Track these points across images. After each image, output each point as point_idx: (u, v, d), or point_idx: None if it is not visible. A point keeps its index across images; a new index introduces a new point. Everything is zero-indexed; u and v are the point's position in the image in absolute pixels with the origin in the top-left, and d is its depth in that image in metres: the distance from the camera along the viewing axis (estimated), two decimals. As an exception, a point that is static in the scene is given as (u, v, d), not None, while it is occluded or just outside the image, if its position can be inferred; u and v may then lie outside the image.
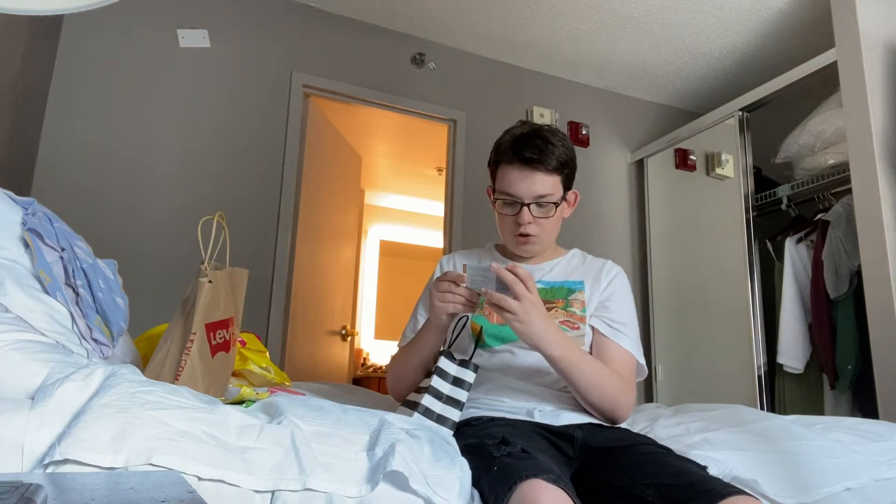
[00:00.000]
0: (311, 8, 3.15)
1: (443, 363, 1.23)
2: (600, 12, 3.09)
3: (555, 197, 1.36)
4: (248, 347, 1.57)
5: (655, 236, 3.62)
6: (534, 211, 1.35)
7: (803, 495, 1.09)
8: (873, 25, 2.52)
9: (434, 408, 1.19)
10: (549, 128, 1.40)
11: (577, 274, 1.43)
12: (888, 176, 2.37)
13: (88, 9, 0.88)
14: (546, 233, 1.40)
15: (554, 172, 1.34)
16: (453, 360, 1.24)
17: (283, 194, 2.93)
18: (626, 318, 1.37)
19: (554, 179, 1.35)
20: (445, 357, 1.24)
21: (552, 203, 1.36)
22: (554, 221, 1.39)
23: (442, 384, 1.21)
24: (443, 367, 1.23)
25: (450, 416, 1.19)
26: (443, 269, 1.52)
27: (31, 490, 0.41)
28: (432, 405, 1.19)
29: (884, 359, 2.28)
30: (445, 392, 1.21)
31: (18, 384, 0.84)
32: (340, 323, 3.74)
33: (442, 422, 1.18)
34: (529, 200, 1.34)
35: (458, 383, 1.22)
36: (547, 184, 1.34)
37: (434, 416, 1.18)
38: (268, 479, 0.80)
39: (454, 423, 1.20)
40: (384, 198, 5.72)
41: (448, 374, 1.23)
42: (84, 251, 1.21)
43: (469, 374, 1.23)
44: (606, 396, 1.24)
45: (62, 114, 2.57)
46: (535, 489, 0.87)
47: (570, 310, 1.37)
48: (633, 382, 1.33)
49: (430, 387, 1.21)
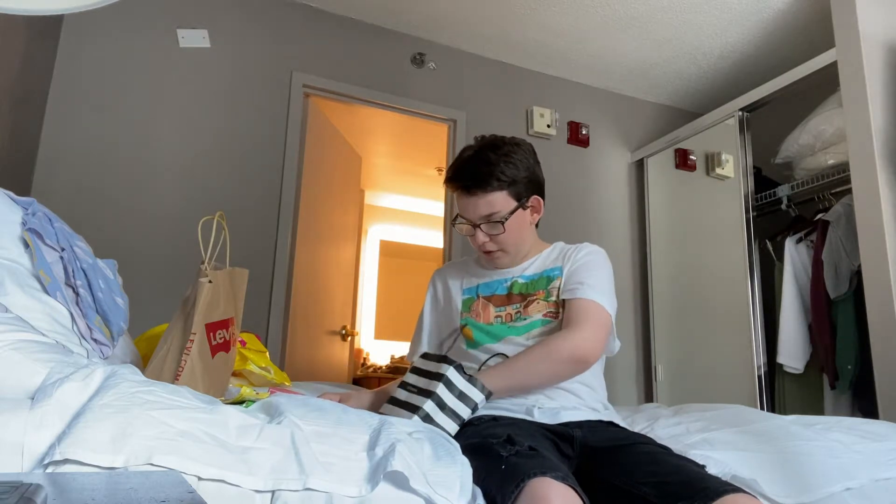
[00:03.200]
0: (311, 8, 3.15)
1: (452, 375, 1.21)
2: (600, 12, 3.09)
3: (503, 213, 1.38)
4: (248, 347, 1.57)
5: (655, 236, 3.62)
6: (486, 229, 1.39)
7: (803, 495, 1.10)
8: (873, 25, 2.52)
9: (436, 418, 1.17)
10: (497, 141, 1.41)
11: (556, 262, 1.45)
12: (888, 176, 2.37)
13: (88, 9, 0.88)
14: (509, 245, 1.42)
15: (496, 191, 1.36)
16: (463, 374, 1.22)
17: (283, 194, 2.93)
18: (585, 276, 1.37)
19: (498, 197, 1.37)
20: (455, 370, 1.22)
21: (499, 221, 1.38)
22: (513, 233, 1.41)
23: (447, 395, 1.20)
24: (451, 378, 1.21)
25: (447, 427, 1.17)
26: (434, 285, 1.57)
27: (31, 490, 0.41)
28: (434, 414, 1.17)
29: (884, 359, 2.28)
30: (449, 404, 1.19)
31: (18, 384, 0.84)
32: (340, 323, 3.74)
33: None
34: (478, 221, 1.38)
35: (464, 398, 1.20)
36: (491, 203, 1.36)
37: (433, 423, 1.16)
38: (268, 479, 0.80)
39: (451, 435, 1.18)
40: (384, 198, 5.72)
41: (455, 387, 1.21)
42: (84, 251, 1.21)
43: (477, 393, 1.21)
44: (556, 367, 1.27)
45: (62, 114, 2.57)
46: (543, 487, 0.87)
47: (550, 300, 1.39)
48: (591, 321, 1.30)
49: (433, 393, 1.19)
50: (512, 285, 1.43)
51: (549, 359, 1.27)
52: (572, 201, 3.53)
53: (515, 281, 1.44)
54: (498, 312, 1.41)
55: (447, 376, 1.21)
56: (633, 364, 3.53)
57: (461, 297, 1.49)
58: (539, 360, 1.27)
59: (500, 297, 1.43)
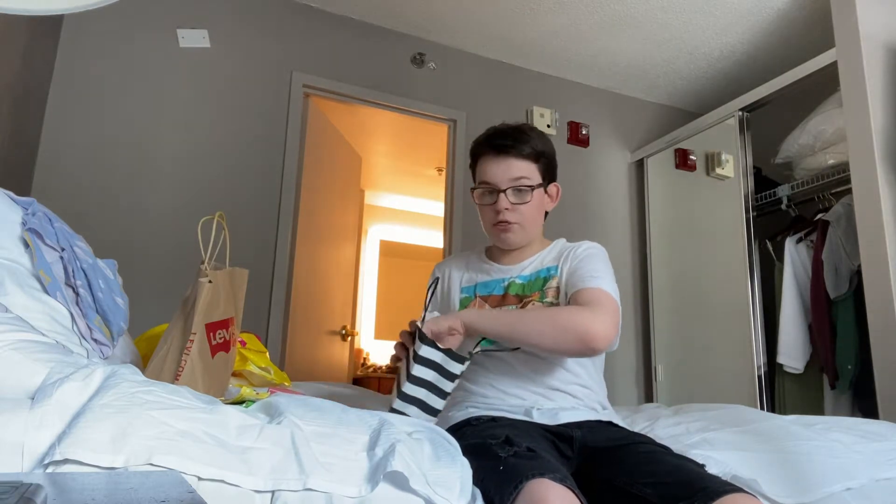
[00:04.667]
0: (311, 8, 3.15)
1: (424, 351, 1.19)
2: (600, 12, 3.09)
3: (531, 181, 1.39)
4: (248, 347, 1.57)
5: (655, 236, 3.62)
6: (511, 197, 1.38)
7: (803, 495, 1.10)
8: (873, 25, 2.52)
9: (418, 395, 1.19)
10: (527, 124, 1.47)
11: (553, 261, 1.44)
12: (888, 176, 2.37)
13: (88, 9, 0.88)
14: (526, 221, 1.41)
15: (528, 159, 1.39)
16: (437, 349, 1.19)
17: (283, 194, 2.93)
18: (590, 268, 1.35)
19: (529, 165, 1.39)
20: (427, 345, 1.19)
21: (529, 187, 1.38)
22: (533, 209, 1.41)
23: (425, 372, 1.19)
24: (424, 354, 1.19)
25: (434, 404, 1.19)
26: (434, 277, 1.56)
27: (31, 490, 0.41)
28: (416, 392, 1.19)
29: (884, 359, 2.28)
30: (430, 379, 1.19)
31: (18, 384, 0.84)
32: (340, 323, 3.74)
33: (426, 409, 1.18)
34: (506, 185, 1.38)
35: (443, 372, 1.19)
36: (521, 168, 1.38)
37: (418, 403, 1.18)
38: (268, 479, 0.80)
39: (438, 411, 1.20)
40: (384, 198, 5.72)
41: (431, 362, 1.19)
42: (84, 251, 1.21)
43: (455, 365, 1.19)
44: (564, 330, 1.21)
45: (62, 114, 2.57)
46: (542, 488, 0.87)
47: (545, 301, 1.38)
48: (605, 308, 1.26)
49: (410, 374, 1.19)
50: (509, 286, 1.44)
51: (554, 324, 1.22)
52: (572, 201, 3.53)
53: (513, 282, 1.44)
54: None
55: (419, 353, 1.19)
56: (633, 364, 3.53)
57: (459, 295, 1.50)
58: (543, 322, 1.23)
59: (496, 297, 1.43)
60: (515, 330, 1.24)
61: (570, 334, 1.21)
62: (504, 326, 1.24)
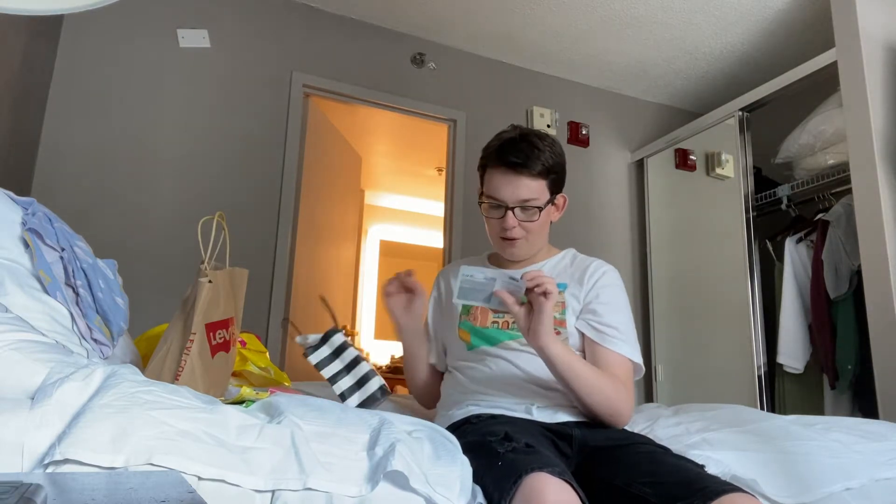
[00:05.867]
0: (311, 8, 3.15)
1: (313, 357, 1.37)
2: (600, 12, 3.09)
3: (539, 201, 1.36)
4: (248, 347, 1.58)
5: (655, 236, 3.62)
6: (518, 215, 1.36)
7: (803, 495, 1.10)
8: (873, 25, 2.52)
9: (348, 381, 1.34)
10: (538, 132, 1.41)
11: (562, 276, 1.42)
12: (888, 176, 2.37)
13: (88, 9, 0.88)
14: (532, 236, 1.40)
15: (539, 177, 1.35)
16: (320, 344, 1.39)
17: (283, 194, 2.93)
18: (615, 318, 1.35)
19: (539, 184, 1.35)
20: (312, 349, 1.37)
21: (536, 207, 1.36)
22: (539, 225, 1.39)
23: (334, 365, 1.36)
24: (314, 359, 1.37)
25: (362, 376, 1.34)
26: (437, 287, 1.57)
27: (31, 490, 0.41)
28: (345, 382, 1.34)
29: (884, 359, 2.28)
30: (343, 366, 1.36)
31: (18, 384, 0.84)
32: (340, 323, 3.73)
33: (364, 382, 1.33)
34: (513, 204, 1.35)
35: (338, 353, 1.40)
36: (531, 188, 1.34)
37: (355, 385, 1.34)
38: (268, 478, 0.80)
39: (371, 373, 1.36)
40: (384, 198, 5.72)
41: (326, 358, 1.39)
42: (84, 251, 1.21)
43: (338, 337, 1.41)
44: (605, 402, 1.23)
45: (62, 114, 2.57)
46: (540, 482, 0.87)
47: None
48: (630, 386, 1.31)
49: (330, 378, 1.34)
50: None
51: (601, 394, 1.23)
52: (572, 201, 3.46)
53: None
54: (495, 318, 1.40)
55: (313, 362, 1.36)
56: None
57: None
58: (593, 386, 1.23)
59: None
60: (569, 371, 1.22)
61: (605, 409, 1.24)
62: (564, 364, 1.22)
